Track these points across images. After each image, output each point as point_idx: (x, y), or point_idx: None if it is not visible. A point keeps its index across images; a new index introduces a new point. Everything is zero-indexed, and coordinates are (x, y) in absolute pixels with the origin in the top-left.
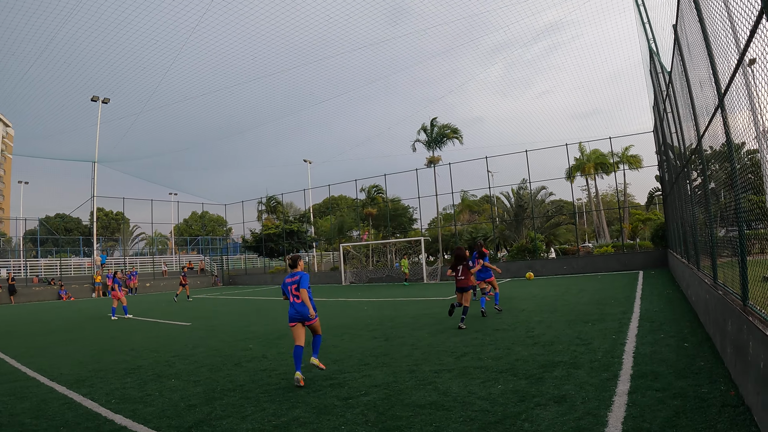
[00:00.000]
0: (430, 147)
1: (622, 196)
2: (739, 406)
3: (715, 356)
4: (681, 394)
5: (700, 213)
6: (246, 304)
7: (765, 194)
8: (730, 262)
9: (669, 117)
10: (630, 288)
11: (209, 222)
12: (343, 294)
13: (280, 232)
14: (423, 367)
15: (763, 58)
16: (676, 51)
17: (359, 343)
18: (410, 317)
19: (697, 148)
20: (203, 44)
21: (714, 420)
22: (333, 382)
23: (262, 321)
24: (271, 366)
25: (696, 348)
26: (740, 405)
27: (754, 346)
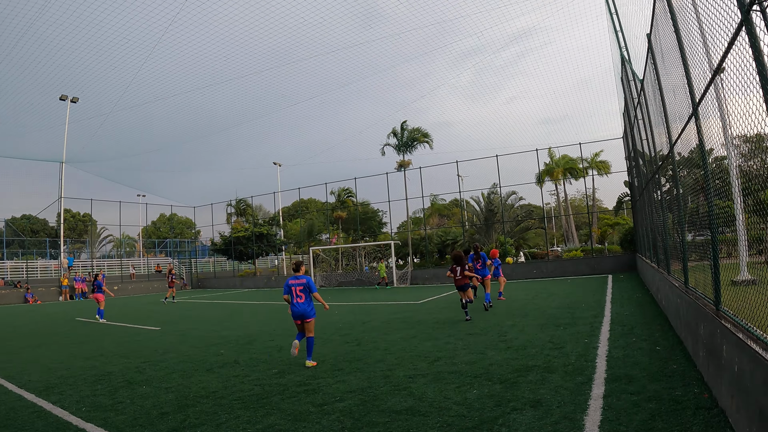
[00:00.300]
0: (400, 151)
1: (590, 201)
2: (713, 408)
3: (687, 359)
4: (655, 397)
5: (672, 218)
6: (216, 309)
7: (732, 200)
8: (701, 266)
9: (639, 124)
10: (600, 292)
11: (178, 224)
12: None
13: (250, 235)
14: (397, 372)
15: (734, 69)
16: (649, 60)
17: (332, 347)
18: (381, 321)
19: (669, 155)
20: (176, 44)
21: (689, 422)
22: (307, 388)
23: (232, 325)
24: (243, 372)
25: (668, 351)
26: (714, 407)
27: (727, 349)
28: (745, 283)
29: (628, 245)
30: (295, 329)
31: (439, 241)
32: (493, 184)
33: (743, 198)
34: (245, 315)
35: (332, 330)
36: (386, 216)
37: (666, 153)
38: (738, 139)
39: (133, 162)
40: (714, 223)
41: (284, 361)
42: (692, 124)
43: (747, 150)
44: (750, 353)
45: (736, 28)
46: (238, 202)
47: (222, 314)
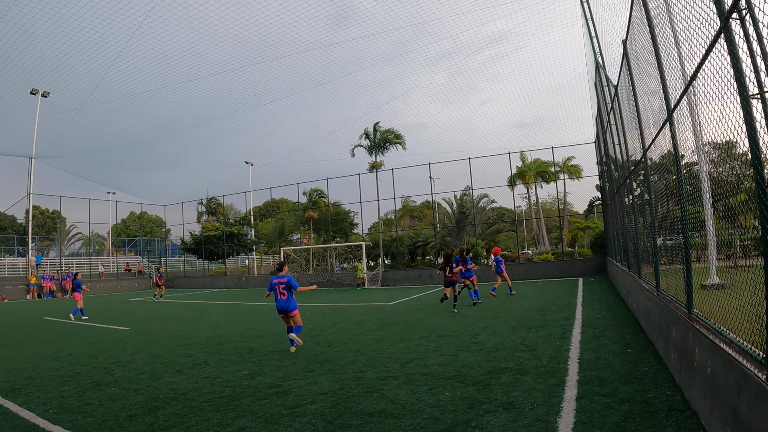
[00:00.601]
0: (372, 152)
1: (562, 205)
2: (685, 411)
3: (658, 362)
4: (628, 399)
5: (643, 223)
6: (185, 309)
7: (702, 205)
8: (672, 270)
9: (612, 129)
10: (571, 294)
11: (148, 223)
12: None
13: (220, 234)
14: (369, 374)
15: (711, 76)
16: (624, 65)
17: (303, 349)
18: (353, 323)
19: (642, 160)
20: (149, 40)
21: (662, 424)
22: (279, 390)
23: (202, 326)
24: (213, 373)
25: (639, 354)
26: (686, 409)
27: (700, 352)
28: (715, 287)
29: (598, 249)
30: (268, 331)
31: (411, 242)
32: (465, 187)
33: (713, 204)
34: (215, 315)
35: (303, 331)
36: (358, 217)
37: (639, 158)
38: (709, 146)
39: (104, 159)
40: (687, 227)
41: (256, 362)
42: (666, 129)
43: (717, 157)
44: (723, 356)
45: (715, 35)
46: (209, 201)
47: (191, 314)
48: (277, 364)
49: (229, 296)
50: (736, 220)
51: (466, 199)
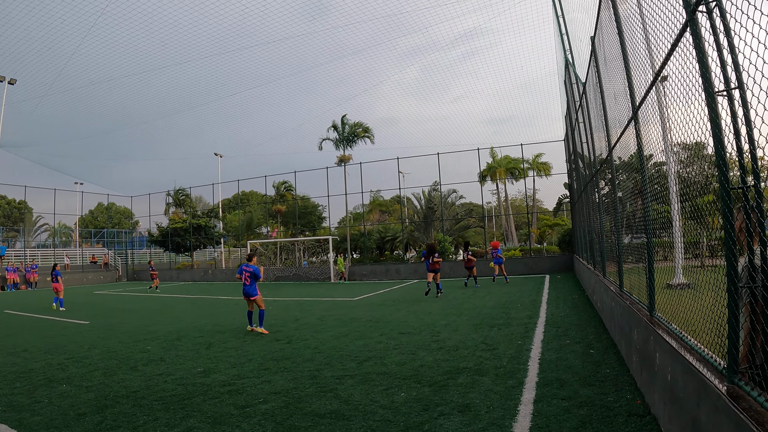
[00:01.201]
0: (340, 145)
1: (531, 202)
2: (645, 416)
3: (620, 363)
4: (587, 402)
5: (608, 221)
6: (148, 302)
7: (670, 205)
8: (636, 269)
9: (581, 127)
10: (536, 292)
11: (116, 214)
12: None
13: (187, 226)
14: (325, 372)
15: (677, 72)
16: (592, 63)
17: (261, 345)
18: (316, 318)
19: (608, 158)
20: (112, 26)
21: (621, 430)
22: (231, 389)
23: (163, 320)
24: (168, 370)
25: (601, 355)
26: (646, 414)
27: (661, 357)
28: (681, 286)
29: (566, 246)
30: (229, 326)
31: (379, 237)
32: (434, 182)
33: (680, 203)
34: (178, 309)
35: (264, 327)
36: (326, 211)
37: (605, 156)
38: (677, 146)
39: (70, 148)
40: (650, 228)
41: (212, 358)
42: (632, 127)
43: (685, 157)
44: (683, 363)
45: (681, 29)
46: (176, 193)
47: (154, 308)
48: (233, 361)
49: (195, 290)
50: (703, 220)
51: (434, 195)
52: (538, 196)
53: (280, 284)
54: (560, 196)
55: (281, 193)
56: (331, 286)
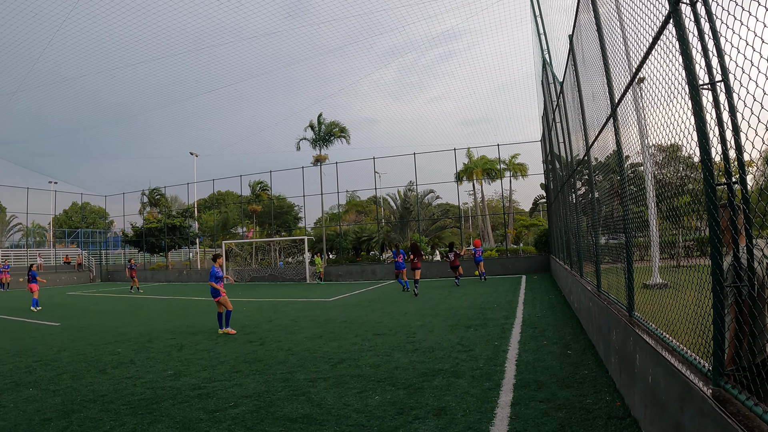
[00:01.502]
0: (317, 145)
1: (507, 202)
2: (625, 418)
3: (598, 364)
4: (566, 405)
5: (585, 221)
6: (121, 303)
7: (647, 205)
8: (613, 269)
9: (558, 127)
10: (513, 292)
11: (90, 214)
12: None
13: (162, 226)
14: (298, 375)
15: (657, 71)
16: (570, 61)
17: (233, 347)
18: (289, 319)
19: (585, 158)
20: (85, 21)
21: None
22: (201, 392)
23: (135, 321)
24: (137, 373)
25: (579, 355)
26: (626, 417)
27: (641, 359)
28: (658, 286)
29: (542, 246)
30: (202, 327)
31: (355, 237)
32: (409, 182)
33: (656, 203)
34: (150, 310)
35: (236, 328)
36: (302, 211)
37: (582, 156)
38: (654, 148)
39: (44, 146)
40: (629, 228)
41: (183, 361)
42: (610, 126)
43: (662, 159)
44: (665, 365)
45: (664, 20)
46: (151, 192)
47: (126, 309)
48: (204, 363)
49: (169, 290)
50: (679, 221)
51: (410, 195)
52: (515, 196)
53: (255, 285)
54: (536, 196)
55: (257, 193)
56: (307, 286)
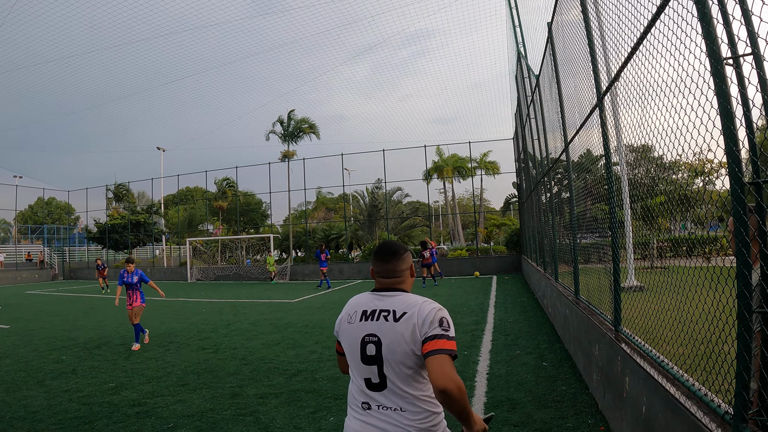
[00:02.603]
0: (285, 140)
1: (478, 201)
2: None
3: (577, 378)
4: (543, 429)
5: (561, 221)
6: (79, 303)
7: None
8: (594, 274)
9: (532, 123)
10: (484, 294)
11: (56, 209)
12: (186, 293)
13: (126, 223)
14: (248, 389)
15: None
16: (548, 50)
17: (184, 355)
18: (249, 322)
19: (563, 154)
20: (36, 6)
21: None
22: (141, 410)
23: (88, 324)
24: (76, 386)
25: (556, 368)
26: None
27: (632, 383)
28: (633, 289)
29: (513, 246)
30: (155, 331)
31: (324, 235)
32: (377, 179)
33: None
34: (106, 311)
35: (192, 332)
36: (270, 208)
37: (560, 152)
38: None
39: (6, 140)
40: (616, 229)
41: (128, 371)
42: (595, 116)
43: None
44: (666, 397)
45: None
46: (117, 188)
47: (82, 310)
48: (150, 374)
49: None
50: (655, 223)
51: (378, 192)
52: (486, 195)
53: (220, 284)
54: (508, 195)
55: (223, 190)
56: (271, 286)
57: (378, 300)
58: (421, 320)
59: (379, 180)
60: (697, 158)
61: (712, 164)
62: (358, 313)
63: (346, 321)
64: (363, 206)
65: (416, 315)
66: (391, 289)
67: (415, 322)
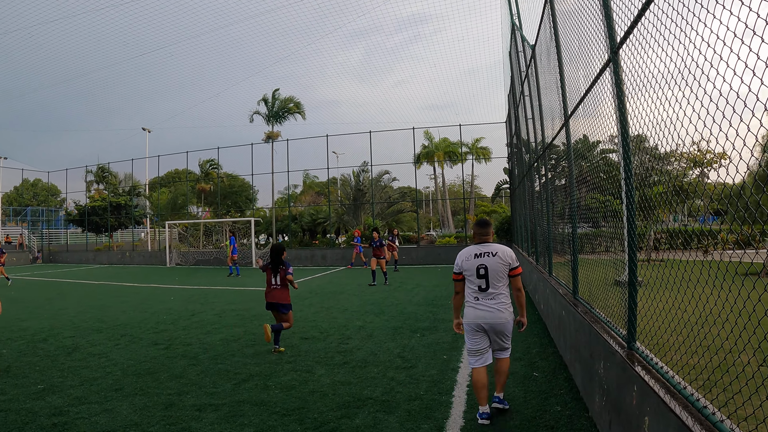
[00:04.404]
0: (269, 121)
1: (469, 187)
2: None
3: (573, 396)
4: None
5: (560, 207)
6: (46, 289)
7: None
8: (596, 271)
9: (526, 101)
10: None
11: (42, 191)
12: (160, 279)
13: (106, 205)
14: (188, 398)
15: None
16: (546, 11)
17: (132, 352)
18: (215, 312)
19: (564, 127)
20: None
21: None
22: (59, 421)
23: (45, 313)
24: (3, 387)
25: (548, 380)
26: None
27: (653, 423)
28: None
29: (504, 234)
30: (113, 321)
31: (311, 219)
32: (363, 162)
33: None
34: (70, 298)
35: (150, 324)
36: (258, 190)
37: (558, 129)
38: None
39: None
40: (633, 219)
41: (65, 369)
42: (607, 74)
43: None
44: None
45: None
46: (99, 169)
47: (44, 297)
48: (87, 374)
49: (105, 274)
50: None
51: (365, 176)
52: (477, 182)
53: (198, 269)
54: (499, 181)
55: (206, 171)
56: (249, 272)
57: (482, 248)
58: (507, 257)
59: (365, 163)
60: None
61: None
62: (472, 255)
63: (465, 259)
64: (350, 190)
65: (502, 253)
66: (486, 243)
67: (503, 257)
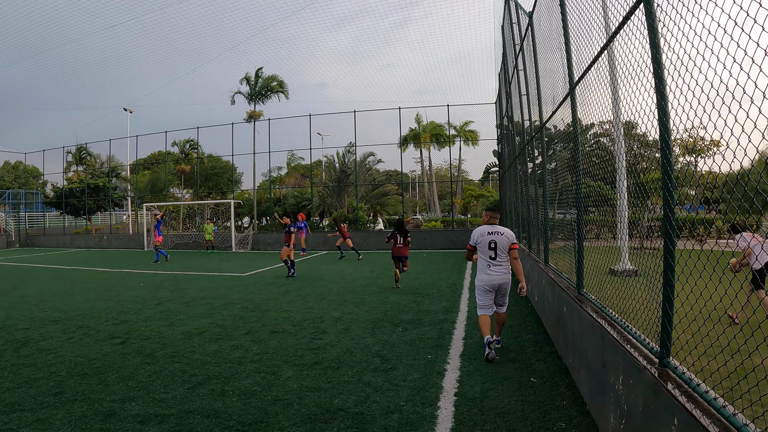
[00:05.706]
0: (252, 101)
1: (456, 171)
2: None
3: (578, 407)
4: None
5: (560, 191)
6: (13, 275)
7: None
8: (605, 260)
9: (520, 76)
10: (458, 272)
11: (23, 174)
12: (134, 264)
13: (84, 187)
14: (132, 406)
15: None
16: None
17: (84, 347)
18: (183, 301)
19: (569, 96)
20: None
21: None
22: None
23: (4, 302)
24: None
25: (549, 386)
26: None
27: None
28: (627, 273)
29: None
30: (75, 311)
31: (295, 202)
32: (348, 143)
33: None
34: (35, 285)
35: (111, 314)
36: (241, 172)
37: (565, 95)
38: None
39: None
40: (671, 205)
41: (5, 369)
42: (638, 19)
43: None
44: None
45: None
46: (78, 150)
47: (10, 283)
48: (29, 374)
49: (79, 259)
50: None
51: (349, 158)
52: (465, 166)
53: (176, 253)
54: (488, 164)
55: (186, 152)
56: (228, 256)
57: (492, 228)
58: (510, 236)
59: (350, 144)
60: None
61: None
62: (485, 233)
63: (480, 235)
64: (335, 173)
65: (507, 234)
66: (495, 224)
67: (508, 237)
